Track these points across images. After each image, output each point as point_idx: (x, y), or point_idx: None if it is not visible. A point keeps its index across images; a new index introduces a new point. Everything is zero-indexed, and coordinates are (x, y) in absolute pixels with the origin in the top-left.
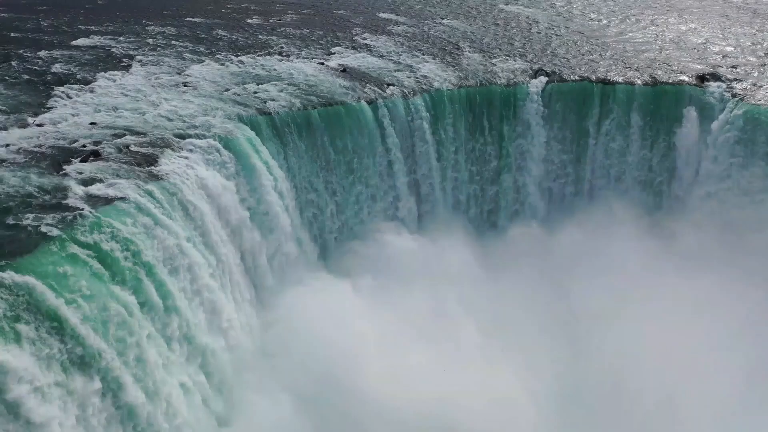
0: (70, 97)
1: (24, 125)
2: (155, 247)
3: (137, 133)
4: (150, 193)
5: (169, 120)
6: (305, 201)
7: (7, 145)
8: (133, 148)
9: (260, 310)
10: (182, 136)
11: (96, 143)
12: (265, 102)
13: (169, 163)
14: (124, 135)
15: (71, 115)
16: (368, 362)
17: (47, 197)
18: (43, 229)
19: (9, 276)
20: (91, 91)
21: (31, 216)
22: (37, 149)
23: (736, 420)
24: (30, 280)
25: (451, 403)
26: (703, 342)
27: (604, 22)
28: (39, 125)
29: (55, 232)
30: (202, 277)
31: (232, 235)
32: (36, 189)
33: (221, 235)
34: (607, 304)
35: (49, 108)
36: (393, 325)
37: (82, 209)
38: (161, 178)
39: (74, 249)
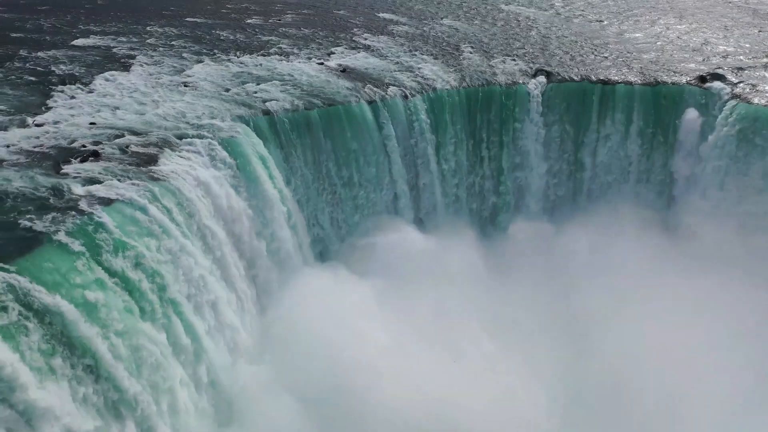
0: (70, 97)
1: (24, 125)
2: (180, 280)
3: (137, 134)
4: (169, 212)
5: (169, 120)
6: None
7: (8, 146)
8: (133, 148)
9: (261, 312)
10: (182, 137)
11: (96, 143)
12: (265, 102)
13: (169, 164)
14: (124, 135)
15: (71, 115)
16: (373, 363)
17: (51, 199)
18: (64, 240)
19: (38, 295)
20: (91, 91)
21: (46, 220)
22: (37, 149)
23: (735, 421)
24: (62, 304)
25: (453, 403)
26: (706, 342)
27: (605, 23)
28: (39, 125)
29: (77, 247)
30: (225, 314)
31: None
32: (42, 190)
33: (240, 269)
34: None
35: (48, 108)
36: (397, 325)
37: (101, 218)
38: (162, 180)
39: (101, 274)
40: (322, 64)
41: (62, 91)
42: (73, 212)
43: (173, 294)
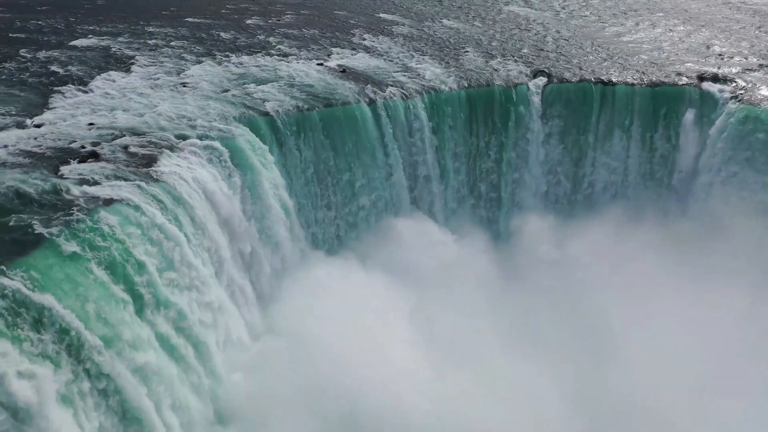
0: (68, 98)
1: (23, 126)
2: (222, 346)
3: (136, 134)
4: (198, 252)
5: (169, 121)
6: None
7: (6, 146)
8: (132, 149)
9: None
10: (182, 138)
11: (95, 144)
12: (264, 103)
13: (168, 165)
14: (123, 136)
15: (70, 115)
16: (375, 367)
17: (54, 203)
18: (105, 278)
19: (91, 352)
20: (90, 92)
21: (70, 235)
22: (35, 150)
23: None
24: (116, 363)
25: (456, 407)
26: (725, 346)
27: (605, 24)
28: (38, 126)
29: (120, 293)
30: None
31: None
32: (42, 192)
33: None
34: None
35: (47, 108)
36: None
37: (140, 258)
38: (161, 180)
39: (150, 333)
40: (322, 64)
41: (61, 92)
42: (93, 227)
43: (215, 366)
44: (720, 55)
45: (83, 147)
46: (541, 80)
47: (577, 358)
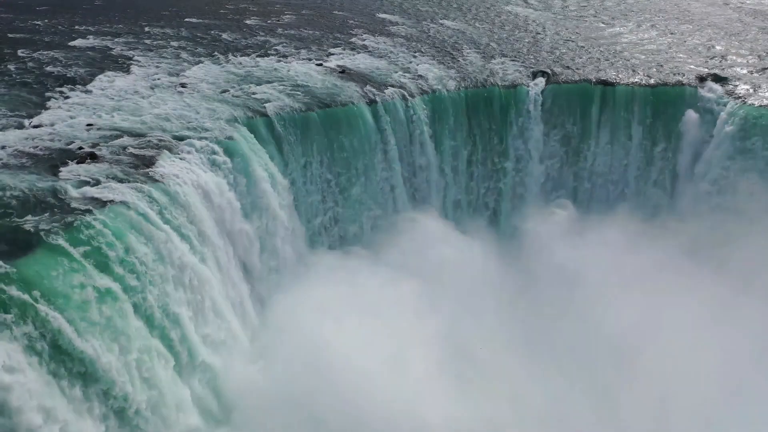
0: (67, 98)
1: (21, 127)
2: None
3: (135, 135)
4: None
5: (167, 122)
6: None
7: (4, 147)
8: (130, 150)
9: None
10: (180, 139)
11: (93, 145)
12: (263, 104)
13: (167, 166)
14: (122, 137)
15: (68, 116)
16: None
17: (54, 204)
18: (135, 321)
19: (138, 414)
20: (88, 92)
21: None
22: (33, 151)
23: None
24: None
25: (460, 406)
26: (736, 358)
27: (605, 24)
28: (36, 126)
29: (161, 348)
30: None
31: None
32: (41, 194)
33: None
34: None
35: (45, 109)
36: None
37: (178, 313)
38: (159, 182)
39: (188, 395)
40: (321, 65)
41: (59, 93)
42: (125, 259)
43: None
44: (721, 55)
45: (81, 148)
46: (541, 80)
47: (581, 362)
